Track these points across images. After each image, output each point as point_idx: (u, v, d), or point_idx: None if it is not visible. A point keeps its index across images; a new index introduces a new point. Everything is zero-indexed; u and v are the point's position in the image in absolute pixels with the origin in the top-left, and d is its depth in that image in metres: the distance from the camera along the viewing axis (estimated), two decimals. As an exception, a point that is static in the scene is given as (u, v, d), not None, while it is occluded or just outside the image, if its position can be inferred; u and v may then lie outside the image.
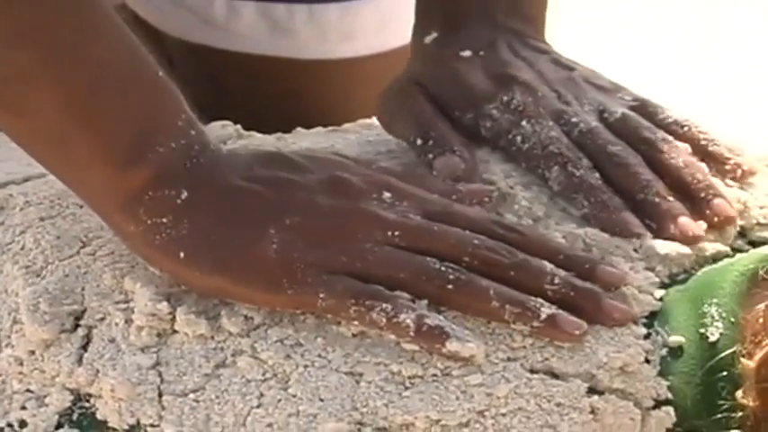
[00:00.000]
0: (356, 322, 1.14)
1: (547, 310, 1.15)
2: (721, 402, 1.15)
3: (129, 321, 1.18)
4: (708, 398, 1.15)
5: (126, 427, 1.16)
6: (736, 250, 1.25)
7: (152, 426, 1.15)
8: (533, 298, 1.15)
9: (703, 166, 1.29)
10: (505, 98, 1.28)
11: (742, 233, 1.27)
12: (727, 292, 1.18)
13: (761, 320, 1.15)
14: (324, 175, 1.20)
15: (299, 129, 1.42)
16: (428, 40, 1.36)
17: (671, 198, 1.24)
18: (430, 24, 1.37)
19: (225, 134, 1.38)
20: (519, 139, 1.27)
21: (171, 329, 1.18)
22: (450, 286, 1.15)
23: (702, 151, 1.29)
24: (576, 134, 1.28)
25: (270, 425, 1.13)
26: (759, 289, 1.18)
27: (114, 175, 1.17)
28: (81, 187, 1.20)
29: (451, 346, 1.13)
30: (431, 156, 1.28)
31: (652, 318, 1.19)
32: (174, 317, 1.17)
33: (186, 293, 1.19)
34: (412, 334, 1.13)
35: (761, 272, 1.18)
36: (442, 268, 1.15)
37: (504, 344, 1.16)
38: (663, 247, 1.23)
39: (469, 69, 1.31)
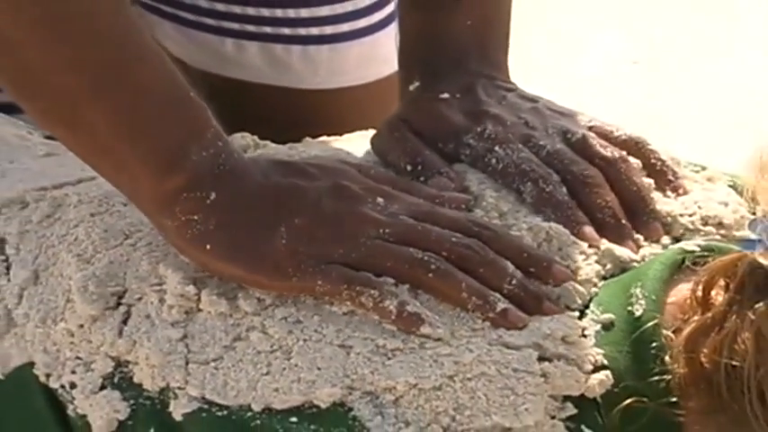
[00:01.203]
0: (348, 303, 1.15)
1: (502, 304, 1.16)
2: (652, 367, 1.14)
3: (162, 301, 1.18)
4: (637, 363, 1.15)
5: (157, 390, 1.15)
6: None
7: (179, 389, 1.15)
8: (493, 293, 1.16)
9: (650, 182, 1.29)
10: (479, 129, 1.28)
11: (676, 239, 1.26)
12: (650, 278, 1.18)
13: (687, 301, 1.16)
14: (329, 182, 1.20)
15: (307, 138, 1.42)
16: (412, 87, 1.35)
17: (623, 221, 1.25)
18: (413, 75, 1.36)
19: (244, 144, 1.37)
20: (494, 161, 1.27)
21: (196, 308, 1.18)
22: (429, 275, 1.15)
23: (651, 168, 1.30)
24: (544, 155, 1.27)
25: (276, 389, 1.13)
26: (681, 275, 1.18)
27: (155, 180, 1.17)
28: (127, 189, 1.21)
29: (425, 329, 1.13)
30: (422, 178, 1.28)
31: (588, 304, 1.19)
32: (200, 298, 1.17)
33: (209, 278, 1.18)
34: (393, 318, 1.14)
35: (687, 262, 1.18)
36: (425, 258, 1.16)
37: (468, 324, 1.16)
38: (617, 250, 1.23)
39: (448, 108, 1.31)
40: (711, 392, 1.12)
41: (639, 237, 1.25)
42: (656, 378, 1.14)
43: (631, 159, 1.30)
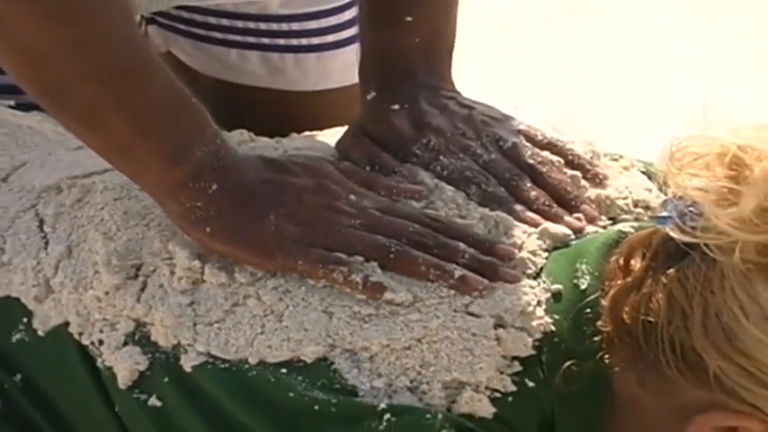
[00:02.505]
0: (324, 280, 1.14)
1: (459, 271, 1.14)
2: (586, 330, 1.13)
3: (172, 273, 1.17)
4: (576, 327, 1.13)
5: (170, 346, 1.15)
6: None
7: (188, 345, 1.14)
8: (450, 264, 1.14)
9: (575, 173, 1.27)
10: (424, 141, 1.27)
11: (613, 219, 1.24)
12: (593, 255, 1.17)
13: (612, 269, 1.14)
14: (311, 180, 1.20)
15: (293, 134, 1.40)
16: (369, 97, 1.34)
17: (554, 207, 1.23)
18: (370, 86, 1.34)
19: (242, 138, 1.35)
20: (439, 168, 1.25)
21: (201, 279, 1.16)
22: (391, 255, 1.14)
23: (570, 163, 1.28)
24: (482, 163, 1.26)
25: (269, 346, 1.12)
26: (616, 250, 1.16)
27: (163, 171, 1.16)
28: (140, 180, 1.19)
29: (388, 295, 1.12)
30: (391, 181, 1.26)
31: (540, 272, 1.17)
32: (203, 271, 1.16)
33: (211, 255, 1.17)
34: (360, 288, 1.12)
35: (616, 239, 1.17)
36: (388, 243, 1.15)
37: (436, 293, 1.14)
38: (552, 228, 1.21)
39: (398, 120, 1.29)
40: (632, 344, 1.11)
41: (571, 219, 1.23)
42: (591, 340, 1.13)
43: (553, 158, 1.28)
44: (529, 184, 1.24)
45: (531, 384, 1.12)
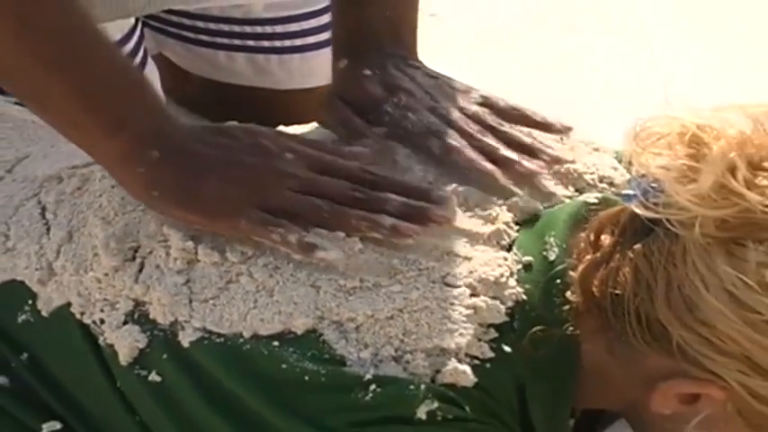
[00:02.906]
0: (264, 240, 1.13)
1: (389, 221, 1.14)
2: (555, 299, 1.13)
3: (168, 254, 1.16)
4: (546, 296, 1.13)
5: (168, 323, 1.14)
6: None
7: (185, 322, 1.13)
8: (379, 215, 1.14)
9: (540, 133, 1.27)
10: (395, 100, 1.26)
11: (579, 191, 1.24)
12: (560, 228, 1.16)
13: (582, 245, 1.14)
14: (251, 141, 1.18)
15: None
16: (341, 65, 1.33)
17: (510, 151, 1.23)
18: (342, 55, 1.34)
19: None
20: (409, 125, 1.25)
21: (195, 259, 1.15)
22: (325, 214, 1.14)
23: (533, 124, 1.28)
24: (447, 121, 1.25)
25: (262, 320, 1.12)
26: (583, 224, 1.16)
27: (109, 142, 1.15)
28: (92, 152, 1.19)
29: (319, 254, 1.12)
30: (351, 141, 1.26)
31: (512, 244, 1.17)
32: (197, 251, 1.15)
33: (204, 235, 1.16)
34: (295, 248, 1.12)
35: (587, 214, 1.17)
36: (320, 203, 1.15)
37: (415, 265, 1.14)
38: (520, 201, 1.20)
39: (370, 83, 1.29)
40: (601, 316, 1.11)
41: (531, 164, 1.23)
42: (560, 309, 1.12)
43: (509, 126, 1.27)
44: (488, 139, 1.24)
45: (507, 350, 1.11)
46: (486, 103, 1.29)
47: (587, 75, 2.03)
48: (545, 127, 1.27)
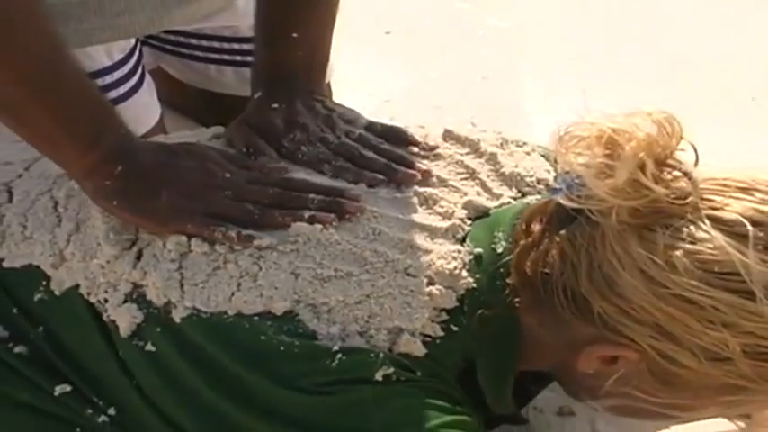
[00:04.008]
0: (209, 239, 1.13)
1: (309, 213, 1.14)
2: (499, 283, 1.12)
3: (164, 245, 1.14)
4: (492, 283, 1.12)
5: (162, 303, 1.12)
6: None
7: (177, 302, 1.11)
8: (301, 211, 1.15)
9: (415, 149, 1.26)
10: (291, 135, 1.25)
11: (521, 192, 1.23)
12: (507, 224, 1.15)
13: (517, 232, 1.13)
14: (196, 162, 1.18)
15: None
16: (256, 96, 1.31)
17: (392, 165, 1.21)
18: (258, 88, 1.32)
19: (219, 132, 1.31)
20: (300, 155, 1.24)
21: (188, 250, 1.13)
22: (256, 216, 1.14)
23: (406, 141, 1.26)
24: (333, 148, 1.24)
25: (245, 301, 1.10)
26: (519, 219, 1.15)
27: (79, 158, 1.15)
28: (61, 164, 1.18)
29: (255, 242, 1.12)
30: (253, 158, 1.25)
31: (465, 237, 1.16)
32: (190, 244, 1.13)
33: None
34: (236, 241, 1.12)
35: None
36: (252, 208, 1.14)
37: (383, 257, 1.12)
38: (475, 200, 1.20)
39: (275, 116, 1.27)
40: (534, 292, 1.10)
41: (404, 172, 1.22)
42: (503, 293, 1.12)
43: (389, 146, 1.26)
44: (370, 155, 1.23)
45: (455, 329, 1.11)
46: (369, 127, 1.28)
47: (513, 88, 2.02)
48: (417, 144, 1.26)
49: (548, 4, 2.26)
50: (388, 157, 1.23)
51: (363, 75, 1.98)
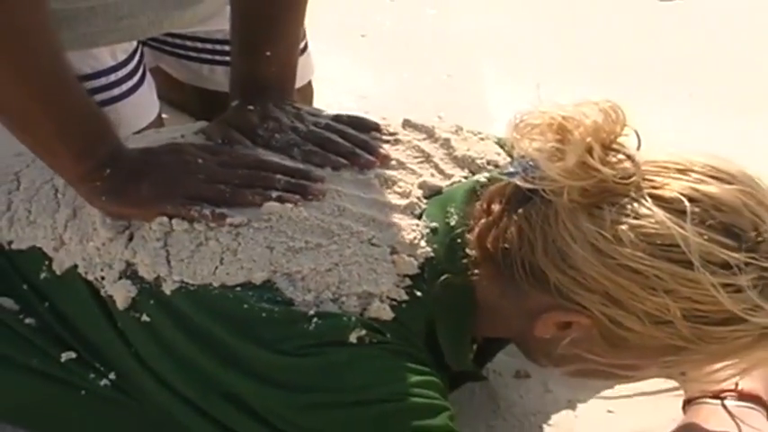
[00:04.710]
0: (187, 218, 1.12)
1: (275, 193, 1.13)
2: (456, 254, 1.10)
3: (150, 228, 1.12)
4: (450, 253, 1.11)
5: (153, 278, 1.10)
6: None
7: (167, 276, 1.10)
8: (269, 191, 1.13)
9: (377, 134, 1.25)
10: (266, 125, 1.24)
11: (473, 172, 1.21)
12: (458, 200, 1.14)
13: (477, 212, 1.12)
14: (173, 156, 1.18)
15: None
16: (233, 104, 1.31)
17: (356, 150, 1.20)
18: (235, 95, 1.31)
19: (201, 125, 1.30)
20: (274, 142, 1.22)
21: (170, 229, 1.12)
22: (227, 195, 1.13)
23: (369, 127, 1.25)
24: (302, 135, 1.23)
25: (227, 273, 1.09)
26: (476, 196, 1.14)
27: (76, 165, 1.15)
28: (58, 169, 1.18)
29: (229, 220, 1.11)
30: (228, 147, 1.23)
31: (422, 213, 1.14)
32: (171, 224, 1.12)
33: None
34: (210, 219, 1.11)
35: (479, 189, 1.14)
36: (224, 188, 1.13)
37: (348, 229, 1.11)
38: (429, 181, 1.18)
39: (251, 114, 1.26)
40: (494, 265, 1.09)
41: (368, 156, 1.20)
42: (462, 262, 1.10)
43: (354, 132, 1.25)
44: (337, 140, 1.22)
45: (418, 294, 1.09)
46: (335, 118, 1.27)
47: (476, 85, 2.01)
48: (379, 129, 1.25)
49: (507, 11, 2.25)
50: (352, 141, 1.21)
51: (342, 74, 1.98)
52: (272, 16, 1.33)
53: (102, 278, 1.13)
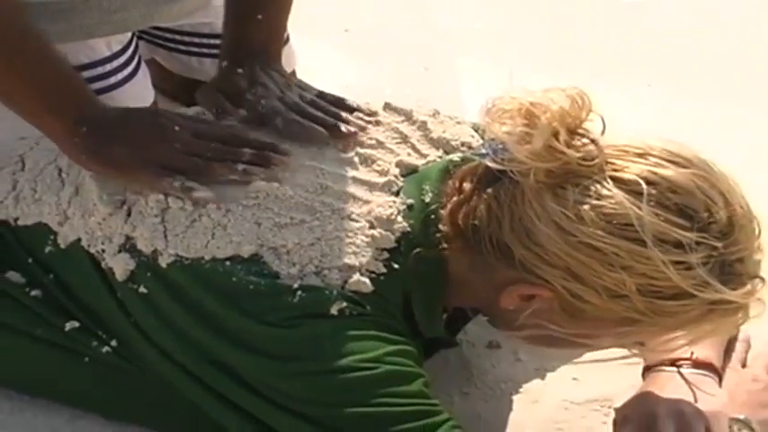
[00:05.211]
0: (158, 190, 1.12)
1: (241, 166, 1.12)
2: (430, 230, 1.11)
3: (147, 203, 1.12)
4: (423, 228, 1.11)
5: (150, 251, 1.10)
6: None
7: (163, 250, 1.10)
8: (237, 164, 1.13)
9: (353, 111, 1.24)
10: (253, 91, 1.24)
11: (447, 152, 1.20)
12: (433, 178, 1.14)
13: (449, 190, 1.12)
14: (152, 119, 1.17)
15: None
16: (223, 65, 1.30)
17: (334, 121, 1.20)
18: (225, 57, 1.31)
19: (192, 111, 1.29)
20: (260, 108, 1.22)
21: (168, 206, 1.11)
22: (199, 167, 1.12)
23: (349, 107, 1.24)
24: (288, 104, 1.22)
25: (218, 247, 1.09)
26: (449, 175, 1.13)
27: (58, 123, 1.15)
28: (45, 131, 1.18)
29: (196, 195, 1.10)
30: (219, 118, 1.24)
31: (399, 191, 1.14)
32: (168, 201, 1.12)
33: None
34: (179, 191, 1.11)
35: (452, 168, 1.14)
36: (196, 160, 1.13)
37: (330, 206, 1.11)
38: (406, 159, 1.18)
39: (240, 78, 1.25)
40: (464, 240, 1.09)
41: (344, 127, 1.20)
42: (435, 236, 1.10)
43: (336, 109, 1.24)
44: (319, 114, 1.21)
45: (396, 266, 1.09)
46: (319, 94, 1.26)
47: (452, 77, 2.01)
48: (360, 110, 1.24)
49: (481, 8, 2.25)
50: (333, 116, 1.21)
51: (325, 65, 1.97)
52: None
53: (103, 251, 1.12)
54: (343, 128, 1.18)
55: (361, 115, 1.22)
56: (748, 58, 2.03)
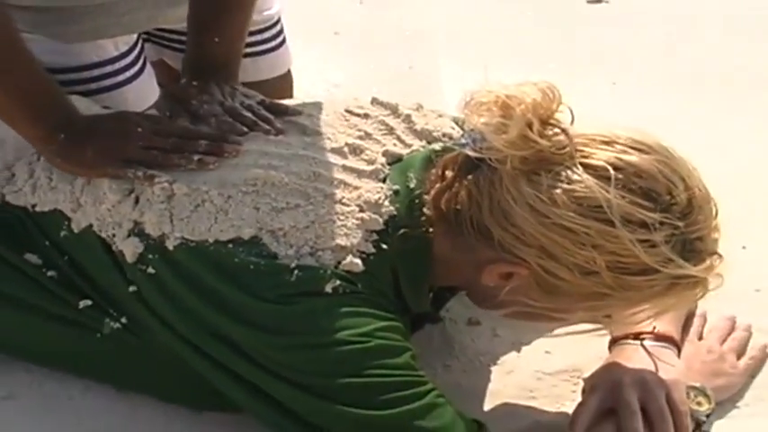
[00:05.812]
0: (123, 177, 1.13)
1: (197, 156, 1.14)
2: (415, 213, 1.11)
3: (152, 191, 1.12)
4: (410, 211, 1.11)
5: (157, 235, 1.11)
6: None
7: (169, 233, 1.10)
8: (193, 154, 1.14)
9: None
10: (201, 98, 1.25)
11: (429, 143, 1.20)
12: (417, 166, 1.14)
13: (432, 177, 1.12)
14: (117, 124, 1.19)
15: None
16: (182, 80, 1.31)
17: (261, 123, 1.21)
18: (186, 73, 1.32)
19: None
20: (201, 112, 1.23)
21: (173, 193, 1.12)
22: (159, 159, 1.14)
23: (282, 110, 1.25)
24: (225, 109, 1.23)
25: (221, 230, 1.09)
26: (432, 163, 1.13)
27: (36, 132, 1.18)
28: (23, 135, 1.19)
29: (156, 180, 1.12)
30: (170, 117, 1.24)
31: (386, 178, 1.14)
32: (173, 188, 1.12)
33: (180, 175, 1.14)
34: (143, 180, 1.12)
35: (434, 157, 1.14)
36: (156, 153, 1.14)
37: (322, 192, 1.11)
38: (391, 149, 1.18)
39: (192, 89, 1.27)
40: (447, 223, 1.09)
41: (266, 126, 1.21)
42: (419, 219, 1.10)
43: (266, 112, 1.24)
44: (246, 114, 1.22)
45: (384, 247, 1.09)
46: (260, 101, 1.26)
47: (434, 74, 2.01)
48: (287, 111, 1.24)
49: (458, 10, 2.26)
50: (258, 116, 1.22)
51: (317, 66, 1.98)
52: (222, 8, 1.33)
53: (114, 235, 1.13)
54: (261, 129, 1.20)
55: (288, 118, 1.23)
56: (707, 61, 2.04)
